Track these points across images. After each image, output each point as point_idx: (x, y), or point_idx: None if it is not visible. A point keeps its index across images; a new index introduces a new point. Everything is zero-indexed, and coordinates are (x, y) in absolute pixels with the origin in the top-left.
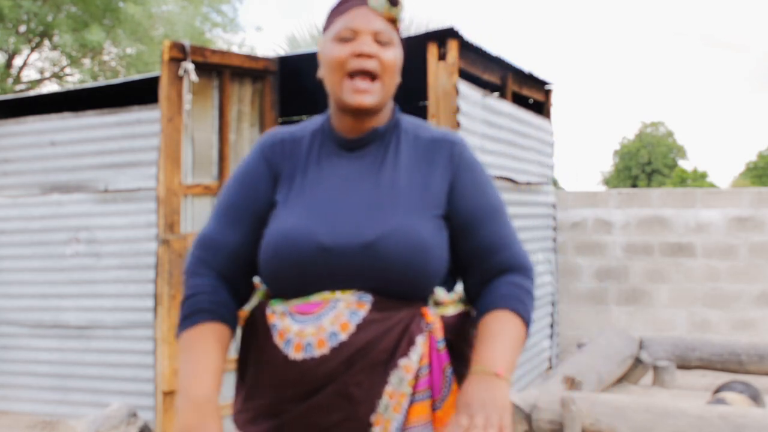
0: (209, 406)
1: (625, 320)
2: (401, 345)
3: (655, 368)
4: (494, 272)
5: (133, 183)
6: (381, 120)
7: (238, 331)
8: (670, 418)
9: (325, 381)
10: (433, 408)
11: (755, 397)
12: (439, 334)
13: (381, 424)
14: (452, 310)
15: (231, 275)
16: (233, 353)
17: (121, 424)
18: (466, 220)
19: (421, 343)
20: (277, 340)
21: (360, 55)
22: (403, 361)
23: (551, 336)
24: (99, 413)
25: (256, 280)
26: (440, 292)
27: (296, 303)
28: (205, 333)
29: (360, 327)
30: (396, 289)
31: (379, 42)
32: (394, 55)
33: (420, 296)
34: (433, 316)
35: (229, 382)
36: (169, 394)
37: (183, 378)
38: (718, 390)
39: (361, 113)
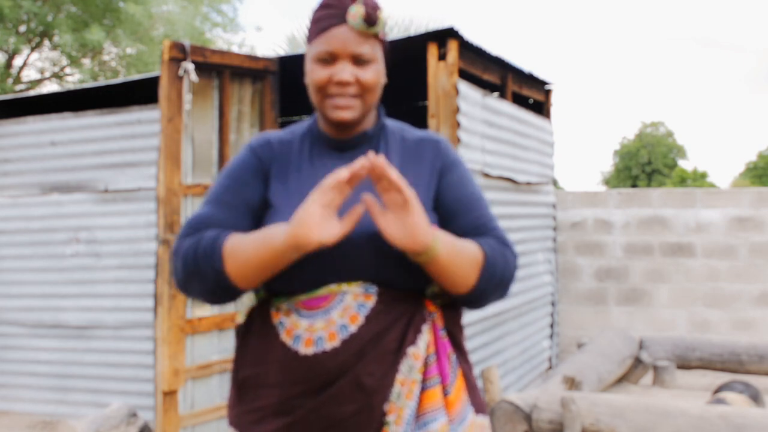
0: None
1: (625, 320)
2: (408, 334)
3: (655, 368)
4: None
5: (133, 183)
6: (368, 123)
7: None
8: (670, 418)
9: (338, 373)
10: (445, 393)
11: (755, 397)
12: (440, 322)
13: (394, 412)
14: (448, 298)
15: None
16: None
17: (121, 424)
18: (453, 207)
19: (426, 331)
20: (285, 338)
21: (338, 83)
22: (411, 350)
23: (551, 336)
24: (99, 413)
25: None
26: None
27: (302, 298)
28: (236, 237)
29: (369, 318)
30: (399, 280)
31: (359, 63)
32: (375, 73)
33: (420, 286)
34: (434, 306)
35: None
36: (169, 393)
37: (258, 243)
38: (718, 390)
39: (343, 126)
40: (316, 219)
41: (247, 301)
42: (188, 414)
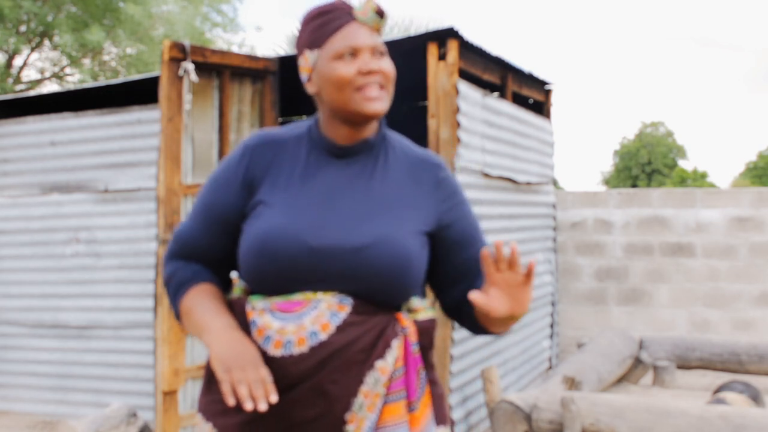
0: (238, 331)
1: (625, 320)
2: (377, 347)
3: (655, 368)
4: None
5: (133, 183)
6: (370, 131)
7: None
8: (670, 418)
9: (302, 378)
10: (410, 408)
11: (755, 397)
12: (413, 338)
13: (355, 422)
14: (423, 315)
15: (203, 265)
16: None
17: (121, 424)
18: (461, 239)
19: (396, 347)
20: (256, 336)
21: (368, 73)
22: (379, 363)
23: (551, 336)
24: (99, 413)
25: (234, 275)
26: (414, 300)
27: (277, 300)
28: (199, 291)
29: (340, 328)
30: (376, 295)
31: (376, 55)
32: (391, 65)
33: (396, 302)
34: (407, 321)
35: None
36: (169, 393)
37: (201, 321)
38: (718, 390)
39: (369, 120)
40: (233, 362)
41: (231, 295)
42: (188, 414)
